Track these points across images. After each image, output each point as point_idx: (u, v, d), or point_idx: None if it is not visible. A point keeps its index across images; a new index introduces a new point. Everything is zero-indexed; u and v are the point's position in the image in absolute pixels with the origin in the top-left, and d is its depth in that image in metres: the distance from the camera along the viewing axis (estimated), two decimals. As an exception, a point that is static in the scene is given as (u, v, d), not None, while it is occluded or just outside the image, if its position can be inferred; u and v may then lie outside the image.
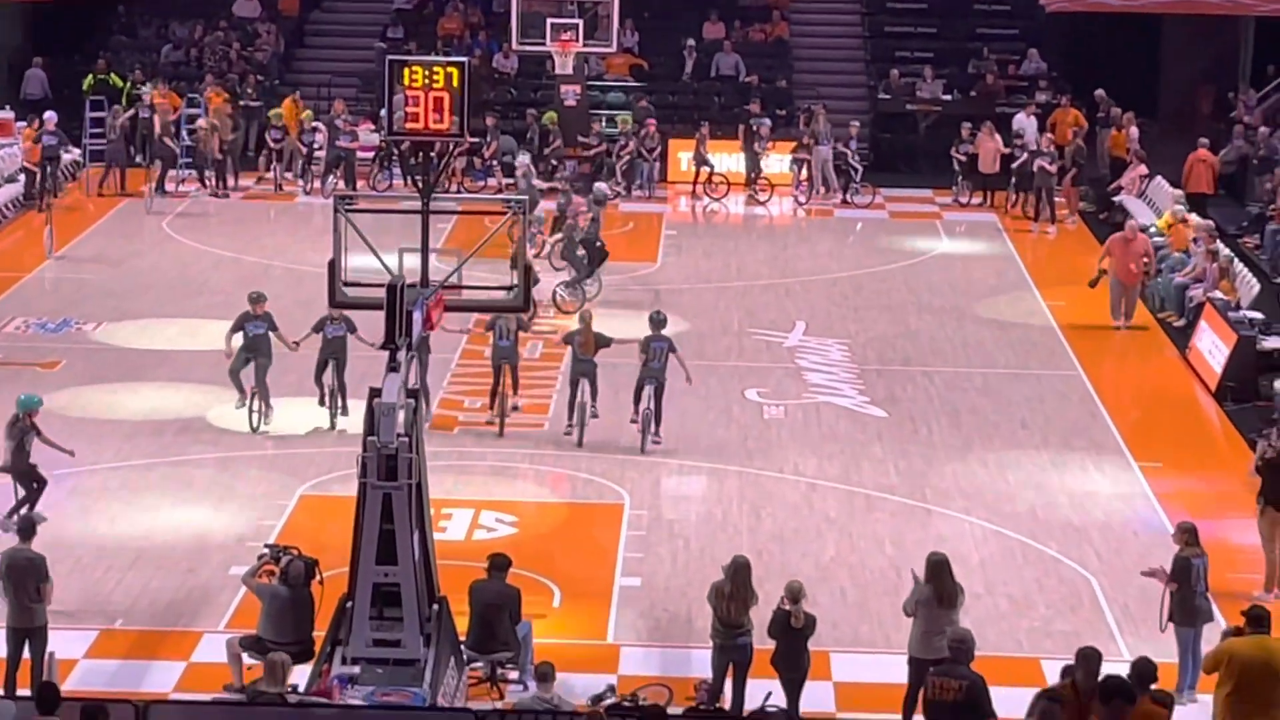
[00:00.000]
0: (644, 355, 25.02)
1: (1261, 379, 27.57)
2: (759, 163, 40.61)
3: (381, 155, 39.44)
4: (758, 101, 43.09)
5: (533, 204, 32.09)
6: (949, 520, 23.10)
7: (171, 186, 39.21)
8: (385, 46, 43.56)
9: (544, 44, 40.44)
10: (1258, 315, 29.34)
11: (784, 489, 24.03)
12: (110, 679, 18.46)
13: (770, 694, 17.60)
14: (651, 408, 24.89)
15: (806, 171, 40.26)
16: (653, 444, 24.90)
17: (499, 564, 18.41)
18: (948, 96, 44.43)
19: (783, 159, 40.88)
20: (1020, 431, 26.43)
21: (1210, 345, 28.87)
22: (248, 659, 18.00)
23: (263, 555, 18.65)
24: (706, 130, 40.77)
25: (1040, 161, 38.61)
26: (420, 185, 18.09)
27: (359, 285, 18.11)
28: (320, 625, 17.80)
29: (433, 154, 18.32)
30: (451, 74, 17.59)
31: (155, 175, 38.78)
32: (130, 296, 31.92)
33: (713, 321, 31.29)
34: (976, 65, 45.39)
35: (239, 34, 46.23)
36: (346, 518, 17.67)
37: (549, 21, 40.23)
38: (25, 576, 17.88)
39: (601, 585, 21.03)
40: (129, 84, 42.42)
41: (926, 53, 45.95)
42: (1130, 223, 32.68)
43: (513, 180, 36.95)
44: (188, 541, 21.90)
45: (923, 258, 36.15)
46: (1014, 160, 39.63)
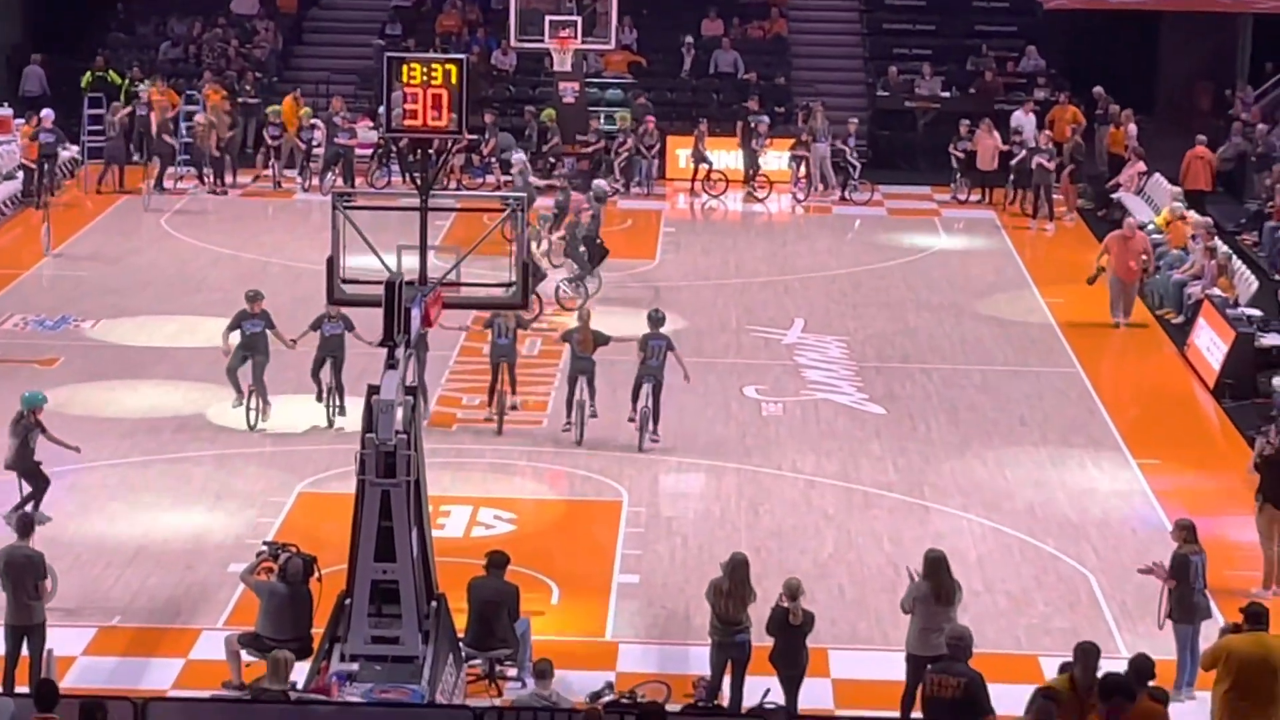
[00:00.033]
0: (642, 353, 24.99)
1: (1260, 376, 27.58)
2: (757, 160, 40.60)
3: (380, 152, 39.42)
4: (756, 99, 43.03)
5: (529, 201, 32.03)
6: (947, 517, 23.09)
7: (170, 183, 39.21)
8: (384, 43, 43.58)
9: (542, 41, 40.38)
10: (1256, 312, 29.33)
11: (782, 486, 24.02)
12: (109, 676, 18.44)
13: (768, 691, 17.59)
14: (649, 406, 24.86)
15: (805, 169, 40.23)
16: (650, 442, 24.88)
17: (497, 561, 18.40)
18: (946, 94, 44.42)
19: (781, 156, 40.87)
20: (1019, 429, 26.42)
21: (1209, 342, 28.87)
22: (246, 656, 18.01)
23: (261, 552, 18.66)
24: (705, 127, 40.74)
25: (1039, 158, 38.58)
26: (419, 182, 18.08)
27: (357, 282, 18.12)
28: (319, 622, 17.80)
29: (431, 151, 18.32)
30: (450, 71, 17.56)
31: (153, 172, 38.78)
32: (128, 293, 31.89)
33: (711, 319, 31.26)
34: (975, 62, 45.36)
35: (237, 31, 46.20)
36: (345, 515, 17.67)
37: (547, 18, 40.14)
38: (24, 574, 17.86)
39: (600, 582, 21.02)
40: (127, 81, 42.40)
41: (925, 50, 45.93)
42: (1128, 220, 32.66)
43: (511, 178, 36.93)
44: (186, 539, 21.89)
45: (921, 255, 36.14)
46: (1012, 157, 39.63)
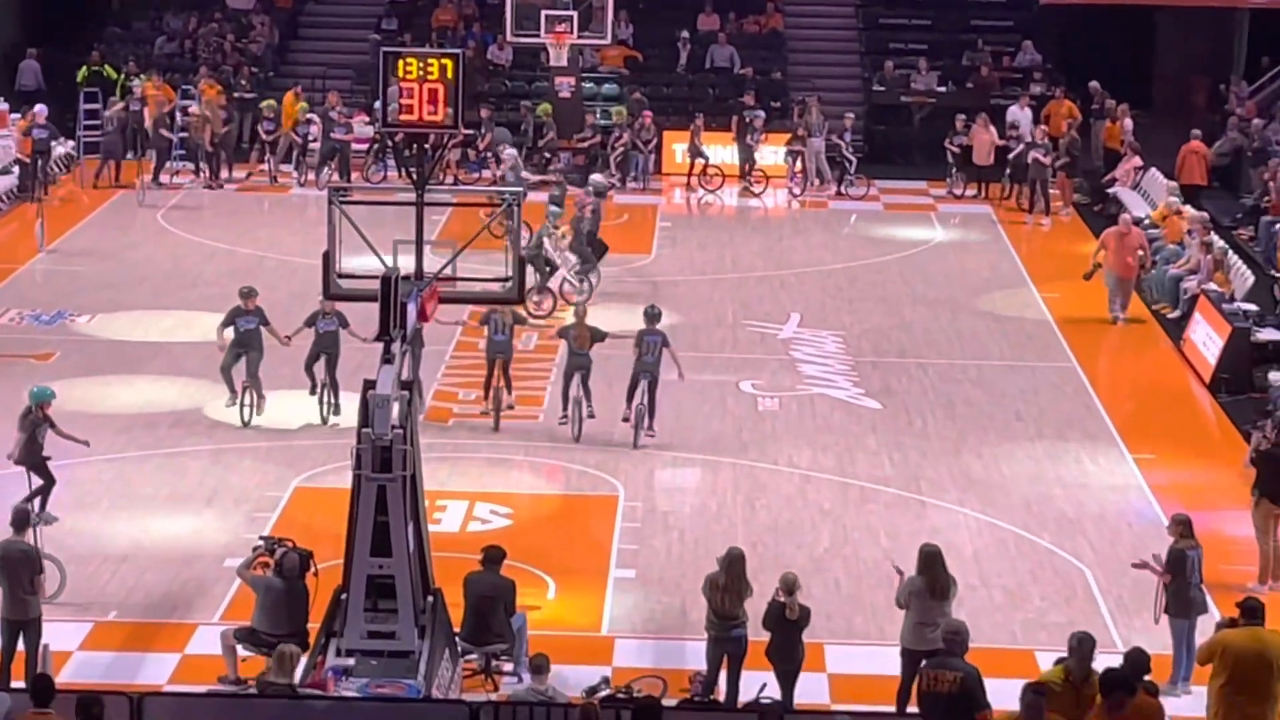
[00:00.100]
0: (638, 349, 24.95)
1: (1255, 370, 27.60)
2: (753, 155, 40.58)
3: (376, 147, 39.41)
4: (752, 93, 43.00)
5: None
6: (943, 512, 23.10)
7: (166, 178, 39.19)
8: (379, 38, 43.55)
9: (538, 36, 40.37)
10: (1252, 307, 29.36)
11: (778, 481, 24.02)
12: (105, 671, 18.45)
13: (765, 685, 17.59)
14: (644, 403, 24.84)
15: (801, 163, 40.22)
16: (646, 438, 24.87)
17: (493, 556, 18.40)
18: (942, 88, 44.37)
19: (777, 151, 40.86)
20: (1015, 423, 26.43)
21: (1204, 337, 28.87)
22: (242, 651, 18.02)
23: (257, 547, 18.67)
24: (701, 122, 40.71)
25: (1035, 153, 38.56)
26: (415, 177, 18.07)
27: (353, 277, 18.11)
28: (315, 617, 17.80)
29: (427, 146, 18.31)
30: (446, 66, 17.55)
31: (149, 167, 38.76)
32: (124, 288, 31.87)
33: (707, 313, 31.25)
34: (971, 57, 45.33)
35: (233, 26, 46.16)
36: (341, 510, 17.66)
37: (543, 13, 40.12)
38: (19, 568, 17.85)
39: (596, 577, 21.02)
40: (123, 76, 42.38)
41: (921, 45, 45.87)
42: (1124, 216, 32.65)
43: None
44: (182, 534, 21.89)
45: (917, 250, 36.13)
46: (1009, 152, 39.64)
